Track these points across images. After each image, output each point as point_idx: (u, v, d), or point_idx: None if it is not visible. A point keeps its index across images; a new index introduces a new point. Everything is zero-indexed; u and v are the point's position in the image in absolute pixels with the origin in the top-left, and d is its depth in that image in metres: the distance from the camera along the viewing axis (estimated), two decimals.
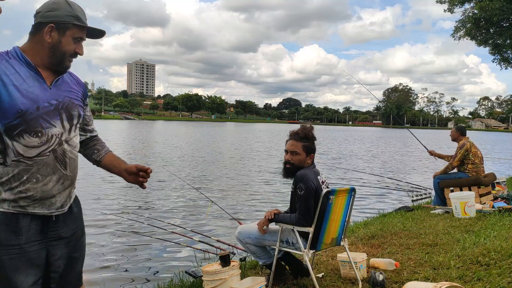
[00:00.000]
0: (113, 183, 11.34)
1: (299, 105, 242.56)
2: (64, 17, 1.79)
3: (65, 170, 1.81)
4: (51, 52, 1.79)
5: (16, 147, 1.70)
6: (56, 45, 1.79)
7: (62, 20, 1.79)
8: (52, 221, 1.81)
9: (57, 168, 1.78)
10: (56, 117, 1.79)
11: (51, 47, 1.79)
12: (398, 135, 65.80)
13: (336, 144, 34.79)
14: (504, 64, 16.05)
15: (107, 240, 6.14)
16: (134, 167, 2.04)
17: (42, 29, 1.77)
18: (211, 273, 3.21)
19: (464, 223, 5.42)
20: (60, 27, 1.79)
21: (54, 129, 1.77)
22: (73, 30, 1.82)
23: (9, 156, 1.67)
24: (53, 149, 1.77)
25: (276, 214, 3.24)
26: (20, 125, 1.69)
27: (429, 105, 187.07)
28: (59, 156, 1.79)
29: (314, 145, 3.29)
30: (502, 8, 13.14)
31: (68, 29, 1.81)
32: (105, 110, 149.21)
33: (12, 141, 1.69)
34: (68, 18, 1.80)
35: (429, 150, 7.50)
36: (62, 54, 1.81)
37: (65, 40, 1.81)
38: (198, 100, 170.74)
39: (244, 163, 17.91)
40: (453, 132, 7.16)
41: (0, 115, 1.67)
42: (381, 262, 3.73)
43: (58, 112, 1.79)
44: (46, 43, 1.78)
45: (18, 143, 1.70)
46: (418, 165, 18.94)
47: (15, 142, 1.69)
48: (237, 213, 7.88)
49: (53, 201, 1.79)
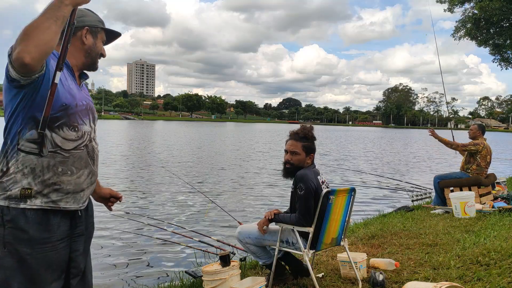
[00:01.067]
0: (113, 183, 11.34)
1: (299, 105, 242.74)
2: (95, 22, 1.98)
3: (93, 165, 1.93)
4: (87, 53, 1.95)
5: (54, 138, 1.75)
6: (92, 47, 1.96)
7: (94, 24, 1.96)
8: (78, 217, 1.90)
9: (88, 163, 1.88)
10: (86, 116, 1.90)
11: (87, 49, 1.95)
12: (398, 135, 65.82)
13: (336, 144, 34.80)
14: (504, 64, 16.06)
15: (107, 240, 6.14)
16: (108, 193, 2.20)
17: (76, 32, 1.89)
18: (211, 273, 3.22)
19: (464, 223, 5.42)
20: (93, 30, 1.96)
21: (86, 126, 1.88)
22: (102, 33, 2.02)
23: (46, 147, 1.69)
24: (85, 145, 1.87)
25: (276, 214, 3.25)
26: (62, 118, 1.76)
27: (429, 105, 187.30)
28: (90, 152, 1.90)
29: (314, 145, 3.30)
30: (502, 8, 13.14)
31: (98, 33, 1.99)
32: (105, 110, 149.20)
33: (52, 132, 1.73)
34: (97, 23, 1.99)
35: (431, 130, 7.15)
36: (96, 55, 1.99)
37: (98, 43, 1.99)
38: (198, 100, 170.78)
39: (244, 163, 17.91)
40: (475, 129, 6.83)
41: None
42: (381, 262, 3.73)
43: (87, 112, 1.91)
44: (82, 45, 1.93)
45: (58, 135, 1.75)
46: (418, 165, 18.95)
47: (54, 133, 1.74)
48: (237, 213, 7.88)
49: (82, 195, 1.88)
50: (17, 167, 1.69)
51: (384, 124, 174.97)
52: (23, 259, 1.70)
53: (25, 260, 1.71)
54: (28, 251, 1.71)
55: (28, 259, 1.71)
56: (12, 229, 1.68)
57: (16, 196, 1.69)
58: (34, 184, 1.71)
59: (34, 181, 1.71)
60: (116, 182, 11.67)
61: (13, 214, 1.68)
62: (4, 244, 1.68)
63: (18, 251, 1.69)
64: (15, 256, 1.69)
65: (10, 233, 1.68)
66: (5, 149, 1.73)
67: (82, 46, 1.93)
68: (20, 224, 1.69)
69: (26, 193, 1.69)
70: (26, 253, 1.71)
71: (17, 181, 1.69)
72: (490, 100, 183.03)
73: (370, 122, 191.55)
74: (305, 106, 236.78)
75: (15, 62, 1.53)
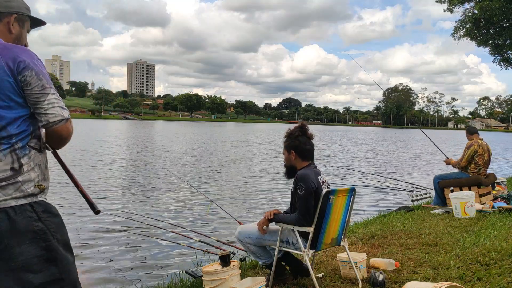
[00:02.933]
0: (112, 184, 11.35)
1: (299, 105, 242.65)
2: (23, 9, 1.75)
3: None
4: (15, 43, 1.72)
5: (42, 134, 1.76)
6: (18, 37, 1.75)
7: (21, 12, 1.74)
8: None
9: None
10: None
11: (14, 39, 1.74)
12: (397, 136, 65.82)
13: (336, 144, 34.80)
14: (504, 64, 16.05)
15: (107, 240, 6.14)
16: None
17: (2, 19, 1.70)
18: (211, 273, 3.21)
19: (464, 223, 5.42)
20: (20, 18, 1.75)
21: None
22: (28, 22, 1.80)
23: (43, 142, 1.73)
24: None
25: (276, 214, 3.24)
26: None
27: (429, 105, 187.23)
28: None
29: (294, 141, 3.24)
30: (502, 8, 13.14)
31: (25, 21, 1.79)
32: (105, 110, 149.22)
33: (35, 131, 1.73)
34: (25, 11, 1.76)
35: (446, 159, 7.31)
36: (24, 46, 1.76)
37: (24, 33, 1.79)
38: (198, 100, 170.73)
39: (244, 163, 17.91)
40: (466, 134, 7.20)
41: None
42: (381, 262, 3.73)
43: None
44: (9, 35, 1.72)
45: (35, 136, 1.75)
46: (418, 165, 18.94)
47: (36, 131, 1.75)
48: (237, 213, 7.88)
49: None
50: (30, 165, 1.65)
51: (384, 124, 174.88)
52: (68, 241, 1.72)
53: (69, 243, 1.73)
54: (67, 233, 1.74)
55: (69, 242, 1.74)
56: (51, 218, 1.67)
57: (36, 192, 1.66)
58: (44, 180, 1.71)
59: (43, 177, 1.71)
60: (116, 182, 11.67)
61: (43, 205, 1.66)
62: (53, 235, 1.64)
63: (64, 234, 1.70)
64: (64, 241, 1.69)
65: (52, 223, 1.66)
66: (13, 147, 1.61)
67: (9, 35, 1.72)
68: (53, 211, 1.70)
69: (41, 188, 1.68)
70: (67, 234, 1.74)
71: (31, 179, 1.65)
72: (490, 100, 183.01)
73: (370, 122, 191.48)
74: (305, 106, 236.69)
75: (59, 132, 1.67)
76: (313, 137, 3.33)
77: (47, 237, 1.62)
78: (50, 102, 1.63)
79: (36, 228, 1.60)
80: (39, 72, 1.63)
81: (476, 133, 7.01)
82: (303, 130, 3.28)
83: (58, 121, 1.65)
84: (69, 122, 1.71)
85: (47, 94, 1.63)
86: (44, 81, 1.64)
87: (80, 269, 5.00)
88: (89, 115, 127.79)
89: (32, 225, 1.59)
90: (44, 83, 1.63)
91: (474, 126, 7.48)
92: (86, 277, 4.79)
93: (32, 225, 1.59)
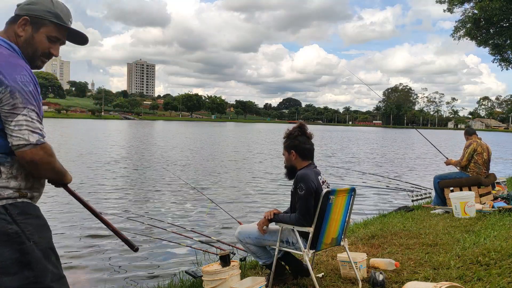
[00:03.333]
0: (112, 183, 11.34)
1: (299, 105, 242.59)
2: (41, 12, 1.71)
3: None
4: (23, 47, 1.71)
5: None
6: (28, 40, 1.71)
7: (38, 15, 1.71)
8: None
9: None
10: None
11: (23, 41, 1.71)
12: (398, 136, 65.79)
13: (337, 144, 34.79)
14: (504, 64, 16.04)
15: (107, 241, 6.14)
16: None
17: (17, 22, 1.71)
18: (211, 273, 3.21)
19: (464, 223, 5.42)
20: (35, 21, 1.71)
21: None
22: (49, 27, 1.73)
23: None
24: None
25: (276, 214, 3.24)
26: None
27: (429, 105, 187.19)
28: None
29: (295, 141, 3.24)
30: (502, 8, 13.13)
31: (43, 26, 1.73)
32: (105, 110, 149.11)
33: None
34: (45, 14, 1.72)
35: (447, 160, 7.38)
36: (34, 51, 1.73)
37: (38, 37, 1.72)
38: (198, 100, 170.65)
39: (244, 163, 17.91)
40: (464, 135, 7.24)
41: None
42: (381, 262, 3.73)
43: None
44: (18, 37, 1.71)
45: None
46: (418, 165, 18.94)
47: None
48: (237, 213, 7.87)
49: None
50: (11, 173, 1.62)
51: (384, 124, 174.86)
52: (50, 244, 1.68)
53: (51, 244, 1.69)
54: (50, 235, 1.70)
55: (51, 240, 1.70)
56: (28, 220, 1.62)
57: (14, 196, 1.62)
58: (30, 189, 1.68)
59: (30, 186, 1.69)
60: (116, 182, 11.67)
61: (20, 207, 1.62)
62: (28, 237, 1.60)
63: (44, 237, 1.66)
64: (42, 244, 1.64)
65: (28, 225, 1.62)
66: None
67: (18, 37, 1.70)
68: (32, 212, 1.65)
69: (22, 194, 1.65)
70: (49, 237, 1.70)
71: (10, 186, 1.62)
72: (490, 100, 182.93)
73: (370, 122, 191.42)
74: (305, 106, 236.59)
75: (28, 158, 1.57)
76: (312, 137, 3.33)
77: (21, 240, 1.58)
78: (17, 124, 1.53)
79: (9, 230, 1.56)
80: (16, 90, 1.53)
81: (474, 133, 7.04)
82: (302, 130, 3.29)
83: (21, 145, 1.54)
84: (40, 149, 1.57)
85: (16, 115, 1.53)
86: (18, 100, 1.53)
87: (80, 269, 5.00)
88: (89, 115, 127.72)
89: (5, 228, 1.56)
90: (17, 102, 1.53)
91: (472, 127, 7.51)
92: (86, 277, 4.79)
93: (5, 227, 1.56)
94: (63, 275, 1.72)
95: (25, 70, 1.60)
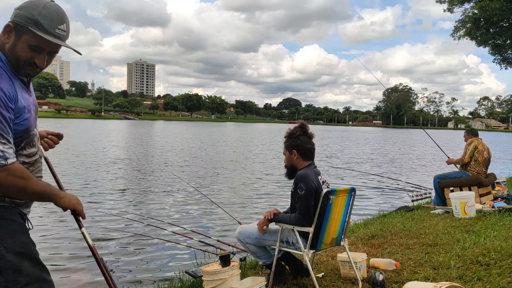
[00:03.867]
0: (112, 184, 11.34)
1: (299, 105, 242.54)
2: (23, 19, 1.57)
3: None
4: (8, 55, 1.61)
5: (19, 158, 1.66)
6: (12, 48, 1.60)
7: (19, 21, 1.58)
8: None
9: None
10: (36, 121, 1.78)
11: (8, 50, 1.61)
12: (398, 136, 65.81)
13: (336, 145, 34.79)
14: (504, 64, 16.04)
15: (106, 240, 6.14)
16: (45, 131, 2.06)
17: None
18: (211, 273, 3.21)
19: (464, 223, 5.42)
20: (18, 28, 1.59)
21: (36, 130, 1.79)
22: (29, 35, 1.58)
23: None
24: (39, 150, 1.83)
25: (276, 214, 3.24)
26: (25, 139, 1.69)
27: (429, 105, 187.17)
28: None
29: (297, 141, 3.24)
30: (502, 8, 13.13)
31: (24, 33, 1.59)
32: (105, 110, 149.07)
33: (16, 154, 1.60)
34: (25, 21, 1.57)
35: (448, 159, 7.38)
36: (16, 59, 1.61)
37: (20, 45, 1.59)
38: (198, 100, 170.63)
39: (244, 163, 17.90)
40: (465, 135, 7.22)
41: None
42: (381, 262, 3.73)
43: (35, 115, 1.77)
44: (3, 44, 1.62)
45: (21, 155, 1.68)
46: (418, 165, 18.94)
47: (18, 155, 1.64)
48: (237, 213, 7.88)
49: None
50: None
51: (384, 124, 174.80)
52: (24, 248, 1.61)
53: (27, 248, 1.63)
54: (25, 239, 1.64)
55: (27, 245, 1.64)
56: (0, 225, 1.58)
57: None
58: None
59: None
60: (116, 182, 11.67)
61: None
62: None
63: (16, 242, 1.59)
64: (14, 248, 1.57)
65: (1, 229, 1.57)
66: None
67: (3, 44, 1.61)
68: (6, 216, 1.60)
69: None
70: (24, 242, 1.63)
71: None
72: (490, 100, 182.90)
73: (370, 122, 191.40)
74: (305, 106, 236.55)
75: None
76: (314, 137, 3.34)
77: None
78: None
79: None
80: None
81: (477, 135, 7.06)
82: (304, 130, 3.29)
83: None
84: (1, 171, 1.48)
85: None
86: None
87: (80, 270, 5.00)
88: (89, 115, 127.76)
89: None
90: None
91: (473, 128, 7.52)
92: (86, 277, 4.79)
93: None
94: (45, 279, 1.64)
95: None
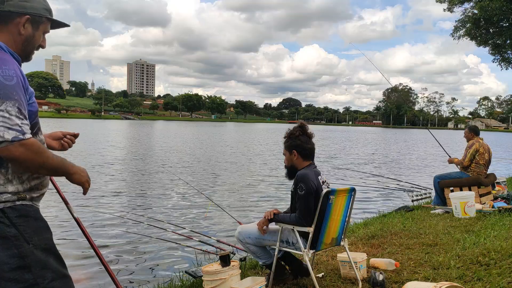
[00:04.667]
0: (112, 184, 11.34)
1: (299, 105, 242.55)
2: (40, 10, 1.70)
3: None
4: (23, 45, 1.69)
5: None
6: (29, 39, 1.70)
7: (38, 13, 1.69)
8: None
9: None
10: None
11: (24, 40, 1.69)
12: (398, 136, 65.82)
13: (337, 145, 34.79)
14: (504, 64, 16.05)
15: (107, 241, 6.14)
16: (60, 132, 2.08)
17: (13, 19, 1.65)
18: (211, 273, 3.21)
19: (464, 223, 5.42)
20: (35, 20, 1.69)
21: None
22: (45, 24, 1.75)
23: None
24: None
25: (276, 214, 3.24)
26: (36, 124, 1.70)
27: (429, 105, 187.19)
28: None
29: (297, 141, 3.25)
30: (502, 8, 13.14)
31: (41, 23, 1.73)
32: (105, 110, 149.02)
33: None
34: (43, 12, 1.71)
35: (449, 158, 7.37)
36: (33, 48, 1.74)
37: (38, 35, 1.73)
38: (198, 100, 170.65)
39: (244, 163, 17.91)
40: (467, 132, 7.15)
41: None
42: (381, 262, 3.73)
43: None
44: (18, 35, 1.67)
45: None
46: (418, 165, 18.94)
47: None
48: (237, 213, 7.88)
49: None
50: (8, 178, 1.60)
51: (384, 124, 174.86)
52: (49, 244, 1.66)
53: (51, 245, 1.68)
54: (49, 236, 1.68)
55: (51, 241, 1.68)
56: (27, 222, 1.61)
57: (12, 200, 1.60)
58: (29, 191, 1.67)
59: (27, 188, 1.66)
60: (116, 182, 11.67)
61: (19, 210, 1.60)
62: (27, 240, 1.58)
63: (44, 239, 1.64)
64: (41, 245, 1.62)
65: (28, 227, 1.60)
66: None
67: (18, 36, 1.67)
68: (32, 215, 1.64)
69: (21, 197, 1.63)
70: (48, 238, 1.67)
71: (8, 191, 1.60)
72: (490, 100, 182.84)
73: (370, 122, 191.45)
74: (305, 106, 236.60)
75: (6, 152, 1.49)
76: (313, 136, 3.34)
77: (19, 243, 1.56)
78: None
79: (8, 233, 1.54)
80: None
81: (478, 134, 7.04)
82: (303, 130, 3.29)
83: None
84: (19, 146, 1.49)
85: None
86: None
87: (80, 270, 5.00)
88: (89, 115, 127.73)
89: (4, 231, 1.54)
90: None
91: (477, 126, 7.44)
92: (86, 277, 4.79)
93: (4, 230, 1.54)
94: (66, 275, 1.70)
95: (9, 64, 1.55)
